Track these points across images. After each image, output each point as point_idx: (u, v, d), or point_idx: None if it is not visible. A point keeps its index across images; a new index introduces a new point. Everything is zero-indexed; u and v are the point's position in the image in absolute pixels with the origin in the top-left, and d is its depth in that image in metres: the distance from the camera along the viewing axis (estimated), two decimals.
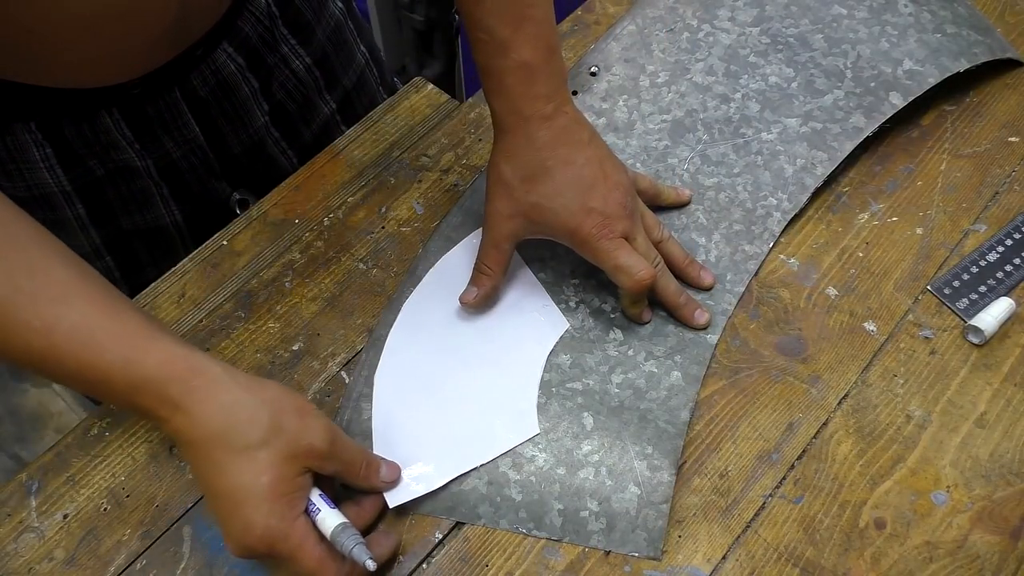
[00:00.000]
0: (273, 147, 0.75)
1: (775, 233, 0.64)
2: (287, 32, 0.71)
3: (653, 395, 0.58)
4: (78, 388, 0.49)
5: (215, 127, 0.69)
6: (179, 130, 0.66)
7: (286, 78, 0.73)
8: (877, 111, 0.68)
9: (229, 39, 0.66)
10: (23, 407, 1.57)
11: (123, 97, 0.62)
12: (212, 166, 0.71)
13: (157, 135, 0.66)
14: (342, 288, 0.63)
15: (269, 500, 0.46)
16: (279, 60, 0.71)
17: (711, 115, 0.70)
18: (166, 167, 0.68)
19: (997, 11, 0.76)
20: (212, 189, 0.72)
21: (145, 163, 0.66)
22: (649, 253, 0.58)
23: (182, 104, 0.65)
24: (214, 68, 0.66)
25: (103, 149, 0.63)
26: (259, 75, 0.70)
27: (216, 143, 0.70)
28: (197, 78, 0.65)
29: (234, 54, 0.67)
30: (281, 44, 0.71)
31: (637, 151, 0.68)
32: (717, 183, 0.66)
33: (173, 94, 0.64)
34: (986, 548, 0.52)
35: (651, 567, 0.52)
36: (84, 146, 0.63)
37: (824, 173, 0.66)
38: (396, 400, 0.58)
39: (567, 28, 0.77)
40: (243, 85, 0.69)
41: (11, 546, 0.54)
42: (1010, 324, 0.60)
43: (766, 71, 0.71)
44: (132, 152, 0.65)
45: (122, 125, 0.63)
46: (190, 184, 0.70)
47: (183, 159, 0.68)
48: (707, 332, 0.60)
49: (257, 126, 0.72)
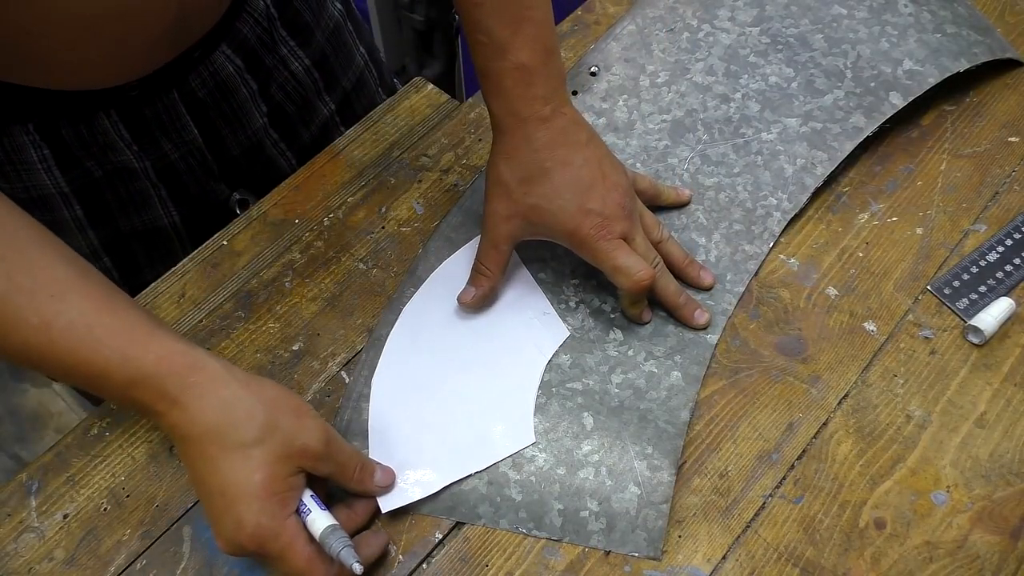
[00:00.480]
0: (271, 148, 0.75)
1: (775, 233, 0.64)
2: (286, 33, 0.71)
3: (653, 395, 0.58)
4: (76, 383, 0.49)
5: (214, 129, 0.69)
6: (177, 132, 0.66)
7: (285, 79, 0.73)
8: (877, 111, 0.68)
9: (227, 41, 0.66)
10: (23, 407, 1.57)
11: (121, 99, 0.62)
12: (210, 168, 0.70)
13: (155, 137, 0.65)
14: (342, 288, 0.63)
15: (261, 498, 0.46)
16: (278, 61, 0.71)
17: (711, 115, 0.69)
18: (164, 168, 0.68)
19: (997, 11, 0.76)
20: (210, 191, 0.72)
21: (143, 164, 0.66)
22: (648, 254, 0.58)
23: (180, 106, 0.65)
24: (212, 70, 0.66)
25: (101, 150, 0.63)
26: (258, 76, 0.70)
27: (215, 145, 0.70)
28: (195, 80, 0.65)
29: (232, 55, 0.67)
30: (280, 46, 0.71)
31: (637, 151, 0.68)
32: (717, 183, 0.66)
33: (171, 96, 0.64)
34: (986, 548, 0.52)
35: (651, 567, 0.52)
36: (82, 147, 0.63)
37: (824, 173, 0.66)
38: (393, 402, 0.58)
39: (567, 28, 0.77)
40: (242, 87, 0.69)
41: (11, 546, 0.54)
42: (1010, 324, 0.60)
43: (766, 71, 0.71)
44: (130, 154, 0.65)
45: (120, 127, 0.63)
46: (188, 185, 0.70)
47: (181, 160, 0.68)
48: (707, 332, 0.60)
49: (256, 127, 0.72)
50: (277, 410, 0.48)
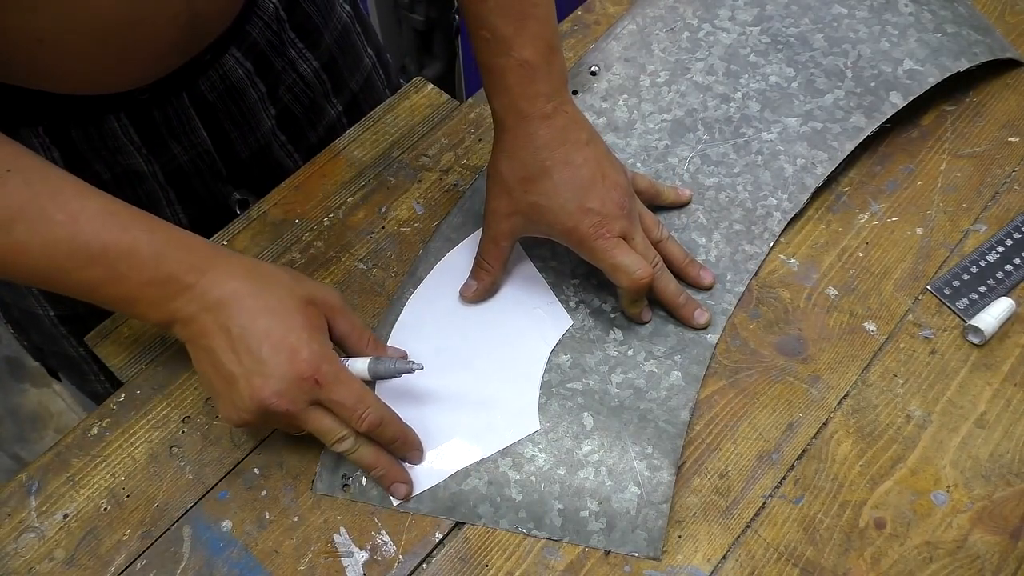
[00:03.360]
0: (279, 150, 0.75)
1: (775, 233, 0.64)
2: (295, 36, 0.71)
3: (653, 395, 0.58)
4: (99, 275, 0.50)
5: (222, 131, 0.69)
6: (187, 135, 0.66)
7: (293, 82, 0.73)
8: (877, 111, 0.68)
9: (237, 44, 0.66)
10: (23, 407, 1.57)
11: (131, 102, 0.62)
12: (219, 170, 0.71)
13: (164, 139, 0.66)
14: (342, 288, 0.63)
15: (308, 329, 0.51)
16: (287, 64, 0.71)
17: (711, 114, 0.69)
18: (173, 172, 0.68)
19: (997, 11, 0.76)
20: (218, 193, 0.72)
21: (152, 168, 0.66)
22: (647, 253, 0.58)
23: (190, 109, 0.65)
24: (222, 73, 0.66)
25: (110, 153, 0.64)
26: (267, 79, 0.70)
27: (223, 147, 0.70)
28: (205, 83, 0.65)
29: (242, 59, 0.67)
30: (289, 48, 0.71)
31: (637, 151, 0.68)
32: (717, 183, 0.66)
33: (181, 99, 0.64)
34: (986, 548, 0.52)
35: (651, 567, 0.52)
36: (91, 150, 0.63)
37: (824, 173, 0.66)
38: (398, 395, 0.58)
39: (567, 28, 0.77)
40: (251, 89, 0.69)
41: (11, 546, 0.54)
42: (1010, 324, 0.60)
43: (766, 70, 0.71)
44: (139, 157, 0.65)
45: (129, 130, 0.63)
46: (196, 189, 0.70)
47: (190, 163, 0.68)
48: (707, 332, 0.60)
49: (264, 130, 0.72)
50: (295, 274, 0.54)
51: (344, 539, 0.53)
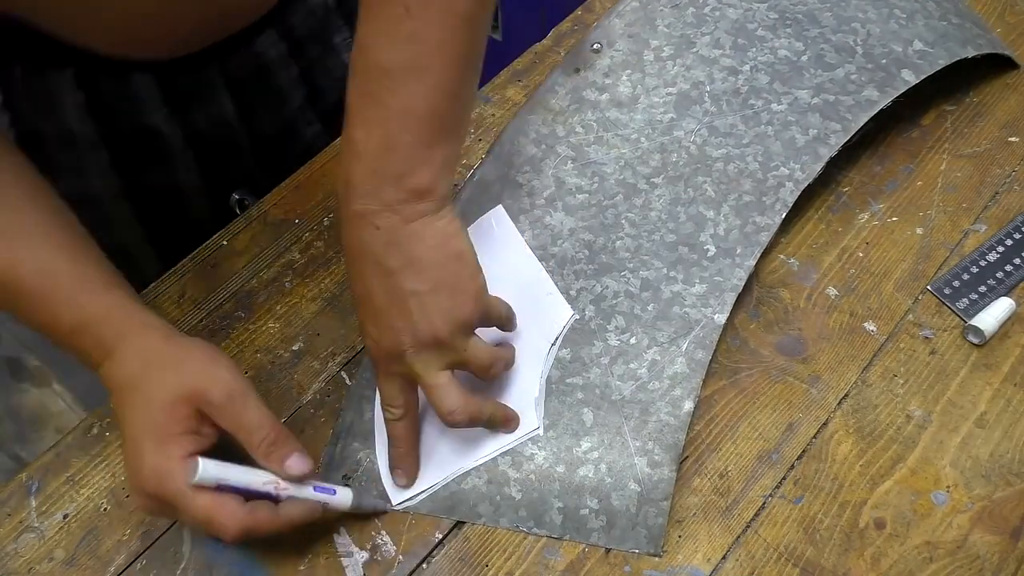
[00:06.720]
0: (305, 128, 0.75)
1: (788, 204, 0.62)
2: (342, 23, 0.72)
3: (656, 385, 0.57)
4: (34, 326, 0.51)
5: (249, 107, 0.69)
6: (211, 105, 0.67)
7: (333, 66, 0.73)
8: (890, 86, 0.66)
9: (276, 28, 0.67)
10: (23, 407, 1.57)
11: (158, 67, 0.63)
12: (240, 143, 0.71)
13: (188, 106, 0.66)
14: (342, 288, 0.63)
15: (157, 439, 0.47)
16: (326, 50, 0.72)
17: (718, 87, 0.68)
18: (192, 136, 0.68)
19: (997, 11, 0.76)
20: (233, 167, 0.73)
21: (172, 129, 0.67)
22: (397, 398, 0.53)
23: (218, 81, 0.66)
24: (255, 53, 0.66)
25: (133, 106, 0.64)
26: (300, 63, 0.70)
27: (247, 121, 0.70)
28: (235, 60, 0.66)
29: (278, 42, 0.67)
30: (334, 35, 0.71)
31: (642, 125, 0.67)
32: (726, 154, 0.65)
33: (209, 71, 0.65)
34: (986, 548, 0.52)
35: (651, 567, 0.52)
36: (116, 99, 0.63)
37: (838, 144, 0.64)
38: None
39: (567, 28, 0.77)
40: (282, 71, 0.69)
41: (11, 546, 0.54)
42: (1010, 324, 0.60)
43: (775, 44, 0.69)
44: (159, 117, 0.65)
45: (154, 89, 0.64)
46: (215, 159, 0.71)
47: (210, 131, 0.69)
48: (715, 311, 0.59)
49: (293, 108, 0.72)
50: (189, 358, 0.49)
51: (344, 539, 0.53)
